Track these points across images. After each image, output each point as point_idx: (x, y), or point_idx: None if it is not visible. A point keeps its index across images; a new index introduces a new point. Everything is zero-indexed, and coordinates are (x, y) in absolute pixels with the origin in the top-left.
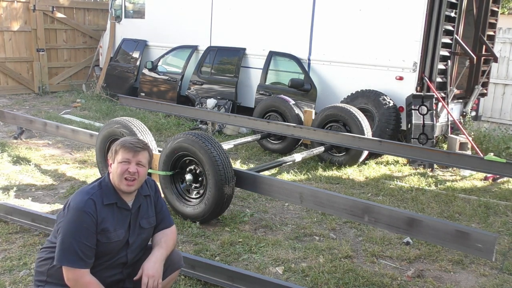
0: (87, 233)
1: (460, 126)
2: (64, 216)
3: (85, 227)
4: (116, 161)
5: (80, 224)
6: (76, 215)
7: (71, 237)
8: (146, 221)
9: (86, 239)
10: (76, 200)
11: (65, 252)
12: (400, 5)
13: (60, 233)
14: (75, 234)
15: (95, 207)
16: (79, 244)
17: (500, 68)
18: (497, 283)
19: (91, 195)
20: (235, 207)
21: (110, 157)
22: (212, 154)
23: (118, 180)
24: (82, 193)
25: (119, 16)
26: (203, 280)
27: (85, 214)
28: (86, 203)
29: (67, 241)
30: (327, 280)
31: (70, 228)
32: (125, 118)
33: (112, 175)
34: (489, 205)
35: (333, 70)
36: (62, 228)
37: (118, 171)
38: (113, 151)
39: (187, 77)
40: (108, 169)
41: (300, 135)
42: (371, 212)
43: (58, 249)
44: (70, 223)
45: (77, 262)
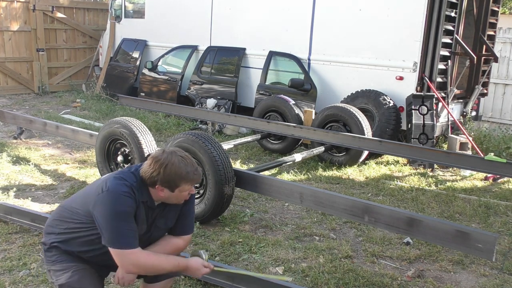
0: (130, 215)
1: (461, 126)
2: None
3: (129, 210)
4: (177, 191)
5: (125, 207)
6: (120, 198)
7: (119, 220)
8: (163, 221)
9: (132, 221)
10: (116, 184)
11: (117, 236)
12: (400, 5)
13: (104, 218)
14: (121, 217)
15: (134, 195)
16: (128, 226)
17: (500, 68)
18: (497, 283)
19: (133, 186)
20: (235, 207)
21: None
22: (212, 154)
23: (177, 201)
24: (121, 179)
25: (119, 16)
26: (203, 280)
27: (128, 198)
28: (129, 189)
29: (116, 224)
30: (327, 280)
31: (116, 211)
32: (125, 118)
33: (169, 199)
34: (489, 205)
35: (333, 70)
36: (106, 213)
37: (180, 198)
38: (170, 182)
39: (187, 77)
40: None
41: (300, 135)
42: (371, 212)
43: (109, 234)
44: (114, 206)
45: (131, 243)
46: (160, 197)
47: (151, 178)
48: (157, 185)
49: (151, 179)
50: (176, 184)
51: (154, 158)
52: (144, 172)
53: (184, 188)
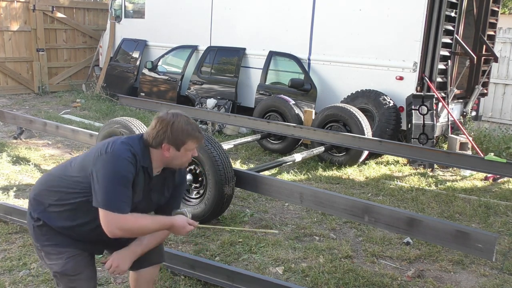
0: (129, 182)
1: (461, 126)
2: (104, 160)
3: (129, 176)
4: (184, 150)
5: (125, 172)
6: (122, 163)
7: (117, 184)
8: (157, 197)
9: (129, 188)
10: (121, 149)
11: (112, 198)
12: (400, 5)
13: (102, 178)
14: (120, 181)
15: (136, 162)
16: (124, 191)
17: (500, 68)
18: (497, 283)
19: (136, 150)
20: (235, 207)
21: (170, 143)
22: (212, 154)
23: (181, 164)
24: (127, 144)
25: (119, 16)
26: (203, 280)
27: (130, 164)
28: (132, 155)
29: (113, 187)
30: (327, 280)
31: (116, 174)
32: (125, 118)
33: (174, 159)
34: (489, 205)
35: (333, 70)
36: (105, 173)
37: (186, 158)
38: (176, 139)
39: (187, 77)
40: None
41: (300, 135)
42: (371, 212)
43: (103, 194)
44: (115, 169)
45: (124, 208)
46: (164, 159)
47: (157, 137)
48: (164, 144)
49: (157, 138)
50: (183, 141)
51: (160, 118)
52: (149, 134)
53: (190, 147)
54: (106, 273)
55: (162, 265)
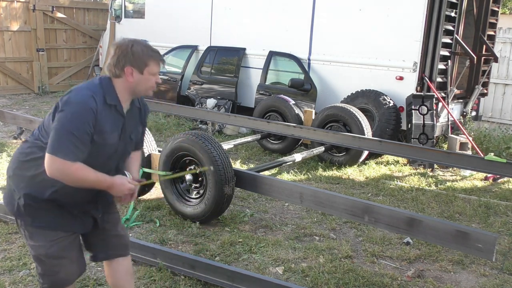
0: (84, 129)
1: (461, 126)
2: (61, 110)
3: (84, 122)
4: (147, 73)
5: (80, 118)
6: (78, 109)
7: (69, 129)
8: (134, 135)
9: (82, 135)
10: (77, 95)
11: (59, 143)
12: (400, 5)
13: (56, 125)
14: (73, 127)
15: (96, 105)
16: (75, 137)
17: (500, 68)
18: (497, 283)
19: (94, 93)
20: (235, 207)
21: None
22: (212, 154)
23: (146, 90)
24: (83, 89)
25: (119, 16)
26: (203, 280)
27: (87, 109)
28: (89, 99)
29: (64, 132)
30: (327, 280)
31: (69, 121)
32: None
33: (139, 84)
34: (489, 205)
35: (333, 70)
36: (59, 120)
37: (150, 83)
38: (138, 60)
39: (187, 77)
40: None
41: (300, 135)
42: (371, 212)
43: (53, 139)
44: (69, 116)
45: (69, 155)
46: (129, 85)
47: (119, 63)
48: (126, 67)
49: (119, 64)
50: (146, 62)
51: (118, 44)
52: (110, 63)
53: (152, 69)
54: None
55: (162, 265)
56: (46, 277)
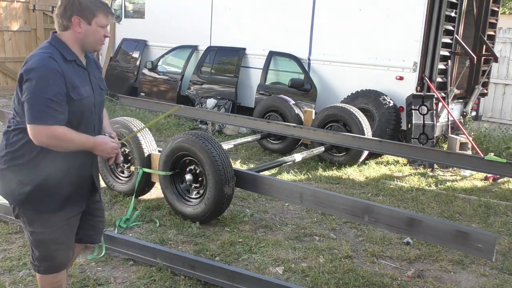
0: (55, 90)
1: (461, 126)
2: (26, 80)
3: (53, 83)
4: (95, 24)
5: (48, 81)
6: (42, 73)
7: (41, 95)
8: (102, 84)
9: (56, 96)
10: (36, 61)
11: (38, 111)
12: (400, 5)
13: (27, 95)
14: (44, 92)
15: (58, 63)
16: (49, 101)
17: (500, 68)
18: (497, 283)
19: (50, 54)
20: (235, 207)
21: (80, 14)
22: (212, 154)
23: (95, 42)
24: (39, 54)
25: (119, 16)
26: (203, 280)
27: (51, 70)
28: (49, 60)
29: (37, 100)
30: (327, 280)
31: (38, 87)
32: (125, 118)
33: (87, 36)
34: (489, 205)
35: (333, 70)
36: (28, 90)
37: (99, 35)
38: (86, 9)
39: (187, 77)
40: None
41: (300, 135)
42: (371, 212)
43: (29, 110)
44: (36, 82)
45: (50, 119)
46: (77, 37)
47: (66, 13)
48: (73, 17)
49: (65, 14)
50: (93, 12)
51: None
52: (57, 15)
53: (101, 21)
54: (106, 273)
55: (162, 265)
56: (43, 261)
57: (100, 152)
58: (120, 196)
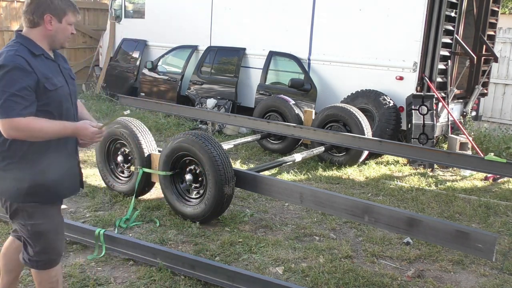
0: (20, 85)
1: (461, 126)
2: None
3: (17, 78)
4: (65, 22)
5: (12, 76)
6: (7, 70)
7: (4, 91)
8: (72, 74)
9: (20, 90)
10: (6, 58)
11: (2, 107)
12: (400, 5)
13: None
14: (8, 87)
15: (24, 60)
16: (13, 96)
17: (500, 68)
18: (497, 283)
19: (16, 51)
20: (235, 207)
21: (52, 12)
22: (212, 154)
23: (64, 38)
24: (4, 52)
25: (119, 16)
26: (203, 280)
27: (15, 67)
28: (14, 57)
29: (2, 96)
30: (327, 280)
31: (2, 84)
32: (125, 118)
33: (57, 33)
34: (489, 205)
35: (333, 70)
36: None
37: (67, 32)
38: (58, 8)
39: (187, 77)
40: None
41: (300, 135)
42: (371, 212)
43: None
44: (10, 79)
45: (11, 112)
46: (47, 34)
47: (38, 9)
48: (46, 15)
49: (38, 10)
50: (65, 11)
51: None
52: (27, 11)
53: (70, 19)
54: (106, 273)
55: (162, 265)
56: (42, 254)
57: (83, 137)
58: (120, 196)
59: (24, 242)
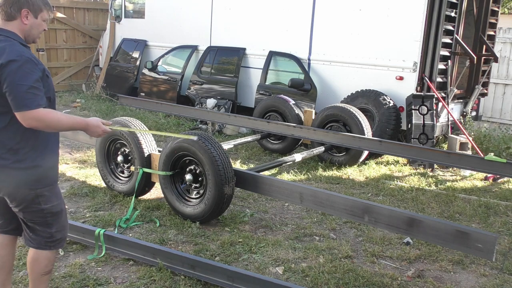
0: (33, 76)
1: (461, 126)
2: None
3: (29, 71)
4: (40, 18)
5: (26, 69)
6: (20, 63)
7: (21, 83)
8: None
9: (34, 82)
10: (11, 53)
11: (21, 99)
12: (400, 5)
13: (9, 87)
14: (23, 80)
15: (30, 52)
16: (31, 88)
17: (500, 68)
18: (497, 283)
19: (17, 45)
20: (235, 207)
21: (30, 8)
22: (212, 154)
23: (37, 34)
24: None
25: (119, 16)
26: (203, 280)
27: (26, 60)
28: (22, 50)
29: (19, 89)
30: (327, 280)
31: (18, 77)
32: (125, 118)
33: (32, 28)
34: (489, 205)
35: (333, 70)
36: (10, 82)
37: (41, 28)
38: (35, 5)
39: (187, 77)
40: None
41: (300, 135)
42: (371, 212)
43: (14, 99)
44: (15, 73)
45: (31, 104)
46: (23, 29)
47: (16, 3)
48: (23, 9)
49: (15, 5)
50: (41, 8)
51: None
52: (5, 4)
53: (45, 16)
54: (106, 273)
55: (162, 265)
56: (59, 232)
57: (91, 133)
58: (120, 196)
59: (34, 228)
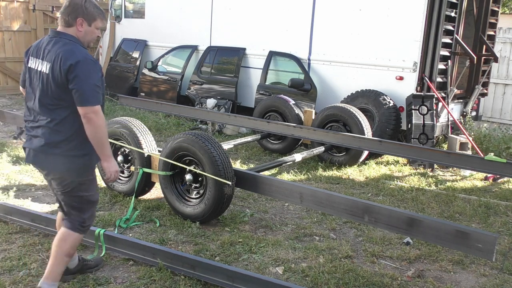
0: (97, 76)
1: (461, 126)
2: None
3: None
4: (93, 26)
5: (93, 70)
6: (88, 64)
7: (90, 82)
8: None
9: (99, 83)
10: (80, 55)
11: (90, 95)
12: (400, 5)
13: (79, 83)
14: (92, 79)
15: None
16: (97, 87)
17: (500, 68)
18: (497, 283)
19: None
20: (235, 207)
21: (85, 17)
22: (212, 154)
23: (90, 40)
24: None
25: (119, 16)
26: (203, 280)
27: (92, 61)
28: (88, 53)
29: (89, 86)
30: (327, 280)
31: (87, 76)
32: (125, 118)
33: (86, 34)
34: (489, 205)
35: (333, 70)
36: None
37: (94, 35)
38: (89, 14)
39: (187, 77)
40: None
41: (300, 135)
42: (371, 212)
43: (83, 95)
44: (85, 72)
45: (96, 101)
46: (78, 35)
47: (73, 12)
48: (79, 18)
49: (73, 14)
50: (95, 17)
51: (70, 1)
52: (64, 13)
53: (98, 24)
54: (106, 273)
55: (162, 265)
56: (90, 219)
57: (107, 168)
58: (120, 196)
59: (69, 212)
